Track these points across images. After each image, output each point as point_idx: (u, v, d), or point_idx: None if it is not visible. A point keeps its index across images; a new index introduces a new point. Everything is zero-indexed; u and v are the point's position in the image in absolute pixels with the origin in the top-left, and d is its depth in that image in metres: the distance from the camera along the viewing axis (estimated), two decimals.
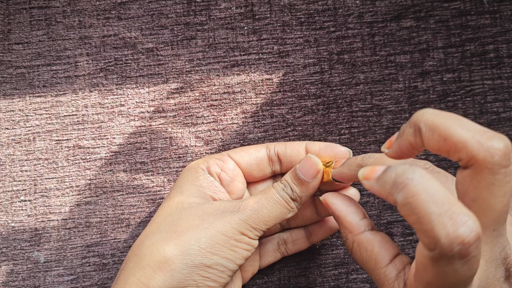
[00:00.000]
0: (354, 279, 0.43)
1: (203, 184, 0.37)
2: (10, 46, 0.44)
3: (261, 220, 0.34)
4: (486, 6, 0.45)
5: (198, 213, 0.34)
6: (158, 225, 0.35)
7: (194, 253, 0.33)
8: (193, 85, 0.44)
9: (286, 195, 0.35)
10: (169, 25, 0.44)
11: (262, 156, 0.39)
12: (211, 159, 0.38)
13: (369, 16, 0.45)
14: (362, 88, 0.44)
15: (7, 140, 0.43)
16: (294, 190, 0.35)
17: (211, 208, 0.35)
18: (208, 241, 0.33)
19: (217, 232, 0.33)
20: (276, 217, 0.35)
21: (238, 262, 0.34)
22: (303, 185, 0.35)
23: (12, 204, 0.43)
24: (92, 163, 0.43)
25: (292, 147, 0.38)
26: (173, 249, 0.33)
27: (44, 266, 0.42)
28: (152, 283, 0.32)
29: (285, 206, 0.35)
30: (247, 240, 0.34)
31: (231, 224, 0.34)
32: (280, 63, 0.44)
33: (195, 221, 0.34)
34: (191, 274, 0.33)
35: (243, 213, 0.34)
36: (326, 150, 0.37)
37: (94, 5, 0.44)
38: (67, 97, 0.44)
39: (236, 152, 0.39)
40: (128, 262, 0.34)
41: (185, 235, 0.33)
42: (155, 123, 0.44)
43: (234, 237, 0.34)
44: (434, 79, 0.45)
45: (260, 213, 0.34)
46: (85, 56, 0.44)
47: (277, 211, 0.35)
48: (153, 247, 0.33)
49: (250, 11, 0.45)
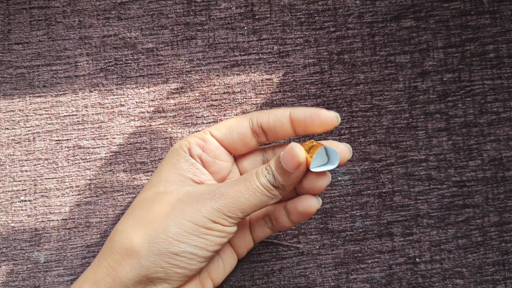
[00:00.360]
0: (354, 279, 0.43)
1: (183, 167, 0.36)
2: (10, 46, 0.44)
3: (238, 208, 0.34)
4: (486, 6, 0.45)
5: (171, 200, 0.34)
6: (132, 210, 0.36)
7: (161, 241, 0.33)
8: (193, 85, 0.44)
9: (267, 183, 0.34)
10: (169, 25, 0.44)
11: (245, 130, 0.37)
12: (192, 140, 0.37)
13: (369, 16, 0.45)
14: (362, 88, 0.44)
15: (7, 140, 0.43)
16: (276, 178, 0.34)
17: (185, 195, 0.34)
18: (176, 229, 0.33)
19: (186, 220, 0.33)
20: (255, 205, 0.34)
21: (210, 249, 0.34)
22: (286, 175, 0.34)
23: (12, 204, 0.43)
24: (92, 163, 0.43)
25: (276, 118, 0.36)
26: (140, 237, 0.33)
27: (44, 266, 0.42)
28: (119, 268, 0.33)
29: (266, 194, 0.34)
30: (220, 227, 0.34)
31: (202, 212, 0.33)
32: (280, 63, 0.44)
33: (166, 209, 0.34)
34: (158, 262, 0.33)
35: (217, 201, 0.34)
36: (312, 119, 0.35)
37: (94, 5, 0.44)
38: (67, 97, 0.44)
39: (218, 129, 0.37)
40: (104, 246, 0.35)
41: (154, 223, 0.34)
42: (155, 123, 0.44)
43: (205, 225, 0.34)
44: (434, 79, 0.45)
45: (237, 201, 0.34)
46: (85, 56, 0.44)
47: (257, 199, 0.34)
48: (123, 233, 0.34)
49: (250, 11, 0.44)
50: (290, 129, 0.36)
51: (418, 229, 0.44)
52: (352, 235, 0.43)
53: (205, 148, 0.37)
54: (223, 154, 0.38)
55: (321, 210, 0.44)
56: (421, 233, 0.44)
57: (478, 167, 0.44)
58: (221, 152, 0.38)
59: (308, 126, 0.35)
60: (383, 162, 0.44)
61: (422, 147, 0.44)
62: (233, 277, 0.43)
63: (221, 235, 0.34)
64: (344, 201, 0.44)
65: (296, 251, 0.43)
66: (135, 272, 0.33)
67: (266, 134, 0.37)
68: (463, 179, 0.44)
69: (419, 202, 0.44)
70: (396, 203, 0.44)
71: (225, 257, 0.39)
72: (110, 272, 0.34)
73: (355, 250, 0.43)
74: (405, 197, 0.44)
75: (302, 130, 0.36)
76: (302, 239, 0.43)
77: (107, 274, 0.34)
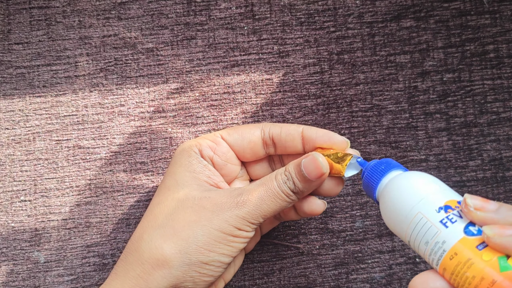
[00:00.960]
0: (354, 279, 0.43)
1: (196, 169, 0.36)
2: (10, 46, 0.44)
3: (260, 215, 0.34)
4: (486, 6, 0.45)
5: (195, 207, 0.35)
6: (155, 217, 0.35)
7: (192, 251, 0.33)
8: (193, 85, 0.44)
9: (287, 189, 0.35)
10: (169, 25, 0.44)
11: (256, 139, 0.38)
12: (203, 141, 0.37)
13: (369, 16, 0.45)
14: (362, 88, 0.44)
15: (7, 140, 0.43)
16: (296, 185, 0.35)
17: (209, 203, 0.35)
18: (206, 239, 0.34)
19: (214, 229, 0.34)
20: (275, 210, 0.35)
21: (233, 255, 0.35)
22: (307, 182, 0.35)
23: (12, 204, 0.43)
24: (92, 163, 0.43)
25: (288, 132, 0.37)
26: (171, 248, 0.33)
27: (44, 266, 0.42)
28: (150, 279, 0.33)
29: (286, 199, 0.35)
30: (244, 234, 0.35)
31: (229, 221, 0.34)
32: (280, 63, 0.44)
33: (192, 217, 0.34)
34: (189, 272, 0.34)
35: (241, 209, 0.34)
36: (324, 139, 0.36)
37: (94, 5, 0.44)
38: (67, 97, 0.44)
39: (230, 134, 0.38)
40: (128, 255, 0.35)
41: (183, 233, 0.34)
42: (155, 123, 0.44)
43: (232, 233, 0.34)
44: (434, 79, 0.45)
45: (260, 208, 0.34)
46: (85, 56, 0.44)
47: (277, 205, 0.35)
48: (151, 243, 0.34)
49: (250, 11, 0.44)
50: (300, 145, 0.37)
51: None
52: (352, 235, 0.43)
53: (216, 150, 0.37)
54: (233, 158, 0.38)
55: None
56: None
57: (478, 167, 0.44)
58: (231, 156, 0.38)
59: (317, 144, 0.36)
60: None
61: (422, 147, 0.44)
62: (233, 277, 0.43)
63: (244, 241, 0.35)
64: (344, 201, 0.44)
65: (296, 251, 0.43)
66: (166, 283, 0.33)
67: (275, 146, 0.38)
68: (463, 179, 0.44)
69: None
70: None
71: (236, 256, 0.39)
72: (140, 282, 0.34)
73: (355, 250, 0.43)
74: None
75: (311, 148, 0.37)
76: (302, 239, 0.43)
77: (136, 285, 0.34)
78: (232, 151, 0.38)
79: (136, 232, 0.36)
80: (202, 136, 0.38)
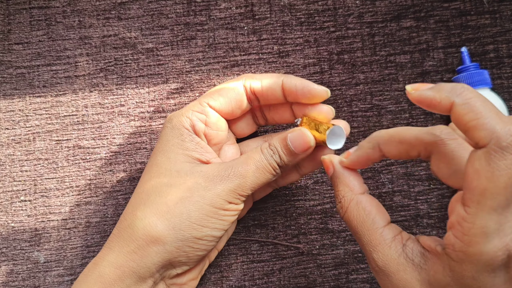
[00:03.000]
0: (354, 279, 0.43)
1: (189, 147, 0.37)
2: (10, 46, 0.44)
3: (249, 187, 0.35)
4: (486, 6, 0.45)
5: (188, 184, 0.35)
6: (147, 194, 0.36)
7: (185, 227, 0.34)
8: (193, 85, 0.44)
9: (273, 162, 0.36)
10: (169, 25, 0.44)
11: (241, 97, 0.38)
12: (193, 115, 0.37)
13: (369, 16, 0.45)
14: (362, 88, 0.44)
15: (7, 140, 0.43)
16: (282, 158, 0.36)
17: (200, 178, 0.35)
18: (198, 214, 0.34)
19: (206, 204, 0.35)
20: (262, 182, 0.36)
21: (225, 228, 0.36)
22: (292, 155, 0.36)
23: (12, 204, 0.43)
24: (92, 163, 0.43)
25: (269, 86, 0.37)
26: (165, 225, 0.34)
27: (44, 266, 0.42)
28: (145, 254, 0.34)
29: (272, 172, 0.36)
30: (235, 207, 0.36)
31: (220, 195, 0.35)
32: (280, 63, 0.44)
33: (185, 194, 0.35)
34: (182, 247, 0.35)
35: (231, 182, 0.35)
36: (303, 92, 0.36)
37: (94, 5, 0.44)
38: (67, 97, 0.44)
39: (215, 99, 0.37)
40: (121, 231, 0.35)
41: (176, 209, 0.34)
42: (155, 123, 0.44)
43: (223, 207, 0.35)
44: (434, 79, 0.45)
45: (248, 180, 0.35)
46: (85, 56, 0.44)
47: (264, 177, 0.36)
48: (145, 220, 0.34)
49: (250, 11, 0.44)
50: (281, 96, 0.37)
51: (418, 229, 0.44)
52: (352, 235, 0.43)
53: (207, 122, 0.37)
54: (223, 124, 0.38)
55: (321, 210, 0.44)
56: (421, 233, 0.44)
57: None
58: (221, 122, 0.38)
59: (298, 97, 0.37)
60: (383, 162, 0.44)
61: None
62: (233, 277, 0.43)
63: (235, 214, 0.36)
64: None
65: (296, 251, 0.43)
66: (159, 258, 0.34)
67: (258, 100, 0.38)
68: None
69: (419, 202, 0.44)
70: (396, 203, 0.44)
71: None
72: (134, 257, 0.34)
73: (355, 250, 0.43)
74: (405, 197, 0.44)
75: (293, 99, 0.37)
76: (302, 239, 0.43)
77: (131, 259, 0.34)
78: (221, 117, 0.38)
79: (127, 208, 0.36)
80: (190, 108, 0.37)
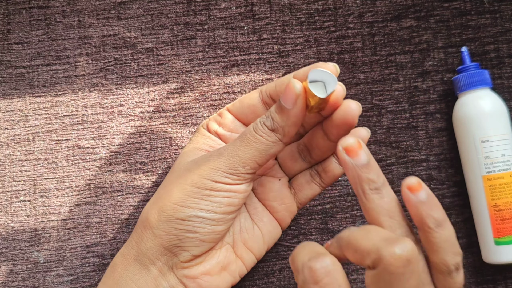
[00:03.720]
0: (354, 279, 0.43)
1: (199, 141, 0.38)
2: (9, 46, 0.44)
3: (238, 163, 0.33)
4: (486, 6, 0.45)
5: (179, 171, 0.35)
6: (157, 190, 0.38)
7: (167, 209, 0.34)
8: (193, 85, 0.44)
9: (263, 128, 0.33)
10: (169, 25, 0.44)
11: (256, 102, 0.37)
12: (211, 117, 0.39)
13: (369, 16, 0.45)
14: (362, 88, 0.44)
15: (7, 140, 0.43)
16: (274, 119, 0.33)
17: (190, 163, 0.35)
18: (179, 195, 0.34)
19: (188, 185, 0.34)
20: (254, 156, 0.33)
21: (219, 211, 0.34)
22: (283, 113, 0.32)
23: (12, 204, 0.43)
24: (91, 163, 0.43)
25: (281, 82, 0.36)
26: (153, 210, 0.35)
27: (43, 266, 0.42)
28: (140, 241, 0.35)
29: (263, 141, 0.33)
30: (225, 187, 0.34)
31: (203, 175, 0.34)
32: (280, 63, 0.44)
33: (173, 179, 0.35)
34: (168, 229, 0.34)
35: (216, 160, 0.34)
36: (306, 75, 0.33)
37: (93, 5, 0.44)
38: (67, 97, 0.43)
39: (233, 104, 0.39)
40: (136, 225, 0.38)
41: (163, 193, 0.35)
42: (155, 123, 0.43)
43: (206, 186, 0.34)
44: (435, 79, 0.45)
45: (235, 156, 0.33)
46: (84, 56, 0.44)
47: (254, 149, 0.33)
48: (144, 210, 0.36)
49: (250, 11, 0.44)
50: None
51: None
52: None
53: (221, 122, 0.38)
54: (239, 127, 0.38)
55: (321, 210, 0.44)
56: None
57: None
58: (236, 125, 0.38)
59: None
60: (384, 162, 0.44)
61: (422, 147, 0.44)
62: None
63: (228, 195, 0.34)
64: (344, 201, 0.44)
65: None
66: (152, 243, 0.35)
67: (274, 101, 0.37)
68: (463, 179, 0.44)
69: None
70: None
71: (262, 225, 0.38)
72: (133, 245, 0.36)
73: None
74: None
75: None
76: (302, 239, 0.43)
77: (131, 247, 0.36)
78: (238, 121, 0.38)
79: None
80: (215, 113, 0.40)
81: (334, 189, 0.44)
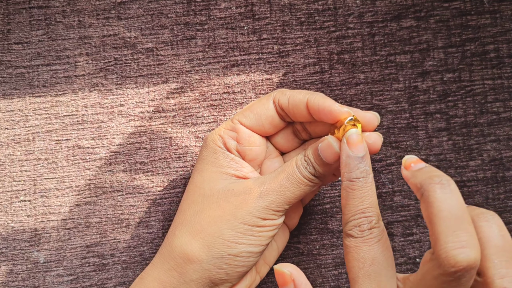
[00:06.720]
0: None
1: (223, 164, 0.37)
2: (9, 46, 0.44)
3: (284, 202, 0.35)
4: (486, 6, 0.45)
5: (220, 202, 0.36)
6: (184, 213, 0.37)
7: (219, 245, 0.35)
8: (193, 85, 0.44)
9: (308, 174, 0.35)
10: (169, 25, 0.44)
11: (272, 113, 0.37)
12: (225, 134, 0.37)
13: (369, 16, 0.45)
14: (362, 88, 0.44)
15: (7, 140, 0.43)
16: (316, 169, 0.35)
17: (232, 196, 0.35)
18: (231, 233, 0.35)
19: (238, 223, 0.35)
20: (300, 196, 0.35)
21: (265, 243, 0.36)
22: (326, 166, 0.35)
23: (12, 204, 0.43)
24: (91, 163, 0.43)
25: (294, 103, 0.36)
26: (199, 243, 0.35)
27: (43, 266, 0.42)
28: (183, 271, 0.35)
29: (308, 184, 0.35)
30: (271, 222, 0.35)
31: (252, 213, 0.35)
32: (280, 63, 0.44)
33: (217, 212, 0.35)
34: (219, 264, 0.35)
35: (264, 199, 0.35)
36: (325, 113, 0.35)
37: (93, 5, 0.44)
38: (67, 97, 0.43)
39: (246, 116, 0.37)
40: (163, 249, 0.37)
41: (209, 228, 0.35)
42: (155, 123, 0.44)
43: (257, 224, 0.35)
44: (435, 79, 0.45)
45: (283, 196, 0.35)
46: (84, 56, 0.44)
47: (301, 191, 0.35)
48: (182, 239, 0.36)
49: (250, 11, 0.44)
50: (307, 114, 0.36)
51: (418, 229, 0.44)
52: None
53: (238, 139, 0.37)
54: (256, 139, 0.38)
55: (321, 210, 0.44)
56: (421, 233, 0.44)
57: (478, 167, 0.44)
58: (254, 138, 0.38)
59: (321, 117, 0.36)
60: (383, 162, 0.44)
61: (422, 147, 0.44)
62: None
63: (273, 229, 0.36)
64: None
65: (296, 251, 0.43)
66: (197, 275, 0.35)
67: (287, 115, 0.38)
68: (463, 179, 0.44)
69: (419, 202, 0.44)
70: (396, 203, 0.44)
71: (277, 238, 0.40)
72: (173, 274, 0.36)
73: None
74: (405, 197, 0.44)
75: (318, 118, 0.36)
76: (302, 239, 0.43)
77: (171, 276, 0.36)
78: (253, 133, 0.38)
79: (170, 228, 0.38)
80: (222, 126, 0.38)
81: (333, 189, 0.44)
